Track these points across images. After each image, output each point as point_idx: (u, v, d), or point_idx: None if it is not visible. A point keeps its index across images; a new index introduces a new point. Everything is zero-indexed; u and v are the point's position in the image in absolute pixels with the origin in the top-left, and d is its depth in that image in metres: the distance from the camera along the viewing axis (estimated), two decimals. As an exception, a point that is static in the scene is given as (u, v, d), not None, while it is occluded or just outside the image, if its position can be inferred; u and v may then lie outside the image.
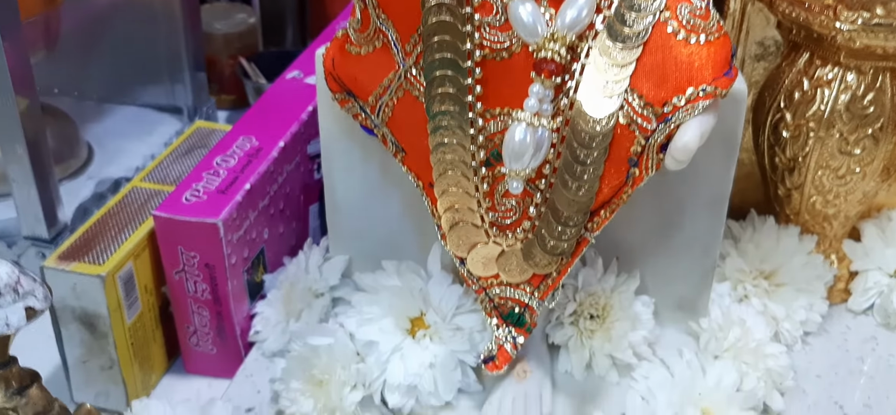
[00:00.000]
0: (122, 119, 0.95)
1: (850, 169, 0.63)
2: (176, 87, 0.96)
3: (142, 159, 0.86)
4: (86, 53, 0.96)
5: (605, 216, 0.49)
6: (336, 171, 0.61)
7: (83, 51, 0.95)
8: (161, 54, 0.95)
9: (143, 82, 0.97)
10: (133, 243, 0.61)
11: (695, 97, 0.45)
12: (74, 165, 0.85)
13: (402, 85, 0.51)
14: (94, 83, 0.97)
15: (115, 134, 0.92)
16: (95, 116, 0.95)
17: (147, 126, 0.94)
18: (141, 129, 0.93)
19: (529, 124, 0.46)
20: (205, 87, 0.97)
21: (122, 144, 0.90)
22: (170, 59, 0.95)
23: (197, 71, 0.95)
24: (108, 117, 0.96)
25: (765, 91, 0.67)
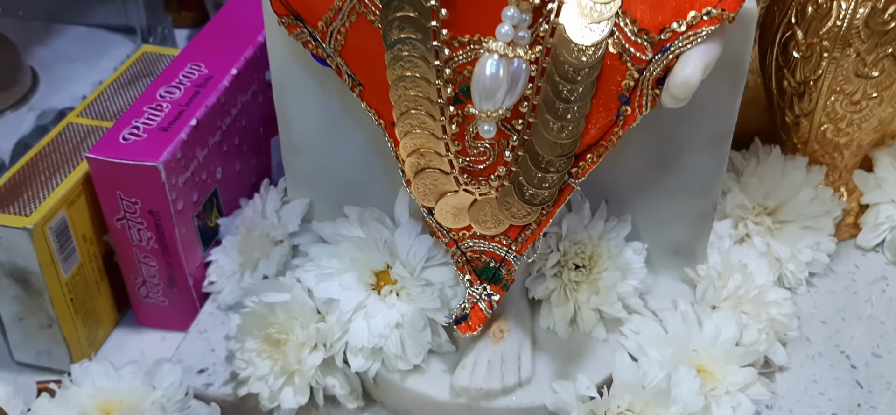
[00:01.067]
0: (71, 41, 0.87)
1: (867, 94, 0.57)
2: (128, 4, 0.88)
3: (90, 87, 0.79)
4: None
5: (592, 161, 0.43)
6: (290, 105, 0.54)
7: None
8: (108, -32, 0.86)
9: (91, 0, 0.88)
10: (66, 189, 0.54)
11: (698, 22, 0.38)
12: (17, 94, 0.78)
13: (355, 7, 0.43)
14: (39, 2, 0.89)
15: (63, 57, 0.84)
16: (42, 38, 0.87)
17: (97, 48, 0.86)
18: (90, 51, 0.85)
19: (502, 56, 0.39)
20: (159, 3, 0.89)
21: (70, 70, 0.82)
22: (118, -27, 0.86)
23: (149, -14, 0.87)
24: (55, 39, 0.88)
25: (774, 5, 0.59)
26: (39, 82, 0.80)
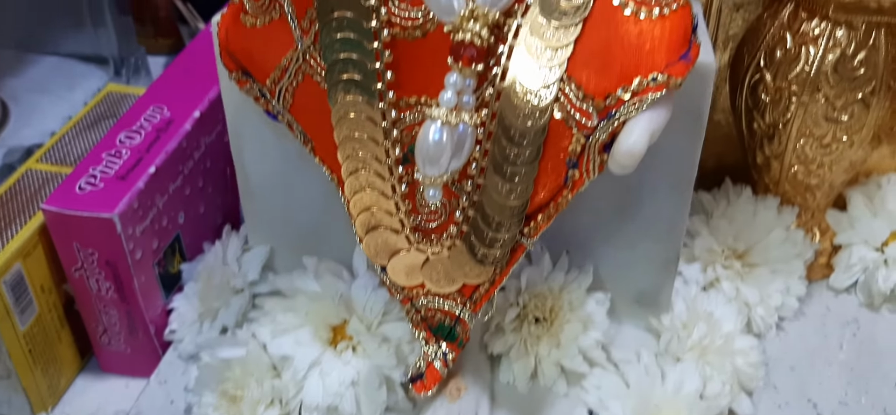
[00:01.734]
0: (43, 71, 0.86)
1: (837, 137, 0.56)
2: (100, 34, 0.87)
3: (59, 120, 0.78)
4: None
5: (544, 221, 0.42)
6: (247, 153, 0.53)
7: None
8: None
9: (65, 29, 0.87)
10: (21, 241, 0.54)
11: (643, 88, 0.37)
12: (-15, 129, 0.77)
13: (301, 67, 0.43)
14: (9, 31, 0.88)
15: (34, 88, 0.84)
16: (13, 68, 0.86)
17: (68, 80, 0.85)
18: (62, 83, 0.84)
19: (445, 122, 0.38)
20: (132, 33, 0.88)
21: (40, 102, 0.81)
22: (90, 1, 0.85)
23: (121, 15, 0.86)
24: (27, 69, 0.87)
25: (743, 47, 0.58)
26: (9, 116, 0.80)
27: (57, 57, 0.88)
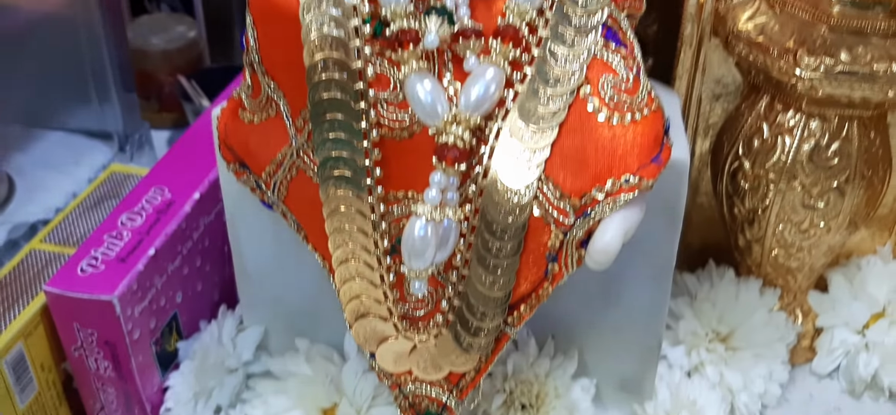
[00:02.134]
0: (49, 146, 0.89)
1: (814, 223, 0.58)
2: (105, 110, 0.90)
3: (64, 197, 0.80)
4: (7, 74, 0.89)
5: (526, 311, 0.44)
6: (244, 237, 0.55)
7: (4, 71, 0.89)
8: (86, 73, 0.88)
9: (70, 104, 0.90)
10: (24, 321, 0.55)
11: (616, 189, 0.39)
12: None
13: (295, 163, 0.45)
14: (17, 106, 0.91)
15: (40, 164, 0.86)
16: (20, 143, 0.89)
17: (74, 155, 0.87)
18: (67, 158, 0.87)
19: (430, 219, 0.40)
20: (136, 110, 0.91)
21: (45, 178, 0.84)
22: (97, 78, 0.88)
23: (126, 92, 0.89)
24: (33, 144, 0.89)
25: (723, 135, 0.61)
26: (15, 191, 0.82)
27: (63, 132, 0.91)
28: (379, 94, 0.41)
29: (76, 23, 0.85)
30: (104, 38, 0.85)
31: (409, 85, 0.40)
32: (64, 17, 0.85)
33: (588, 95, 0.39)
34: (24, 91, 0.89)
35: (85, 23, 0.85)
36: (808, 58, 0.52)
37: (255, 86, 0.45)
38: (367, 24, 0.40)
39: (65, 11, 0.85)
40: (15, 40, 0.86)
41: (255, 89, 0.46)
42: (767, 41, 0.54)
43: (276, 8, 0.41)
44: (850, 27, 0.52)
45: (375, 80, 0.41)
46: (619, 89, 0.40)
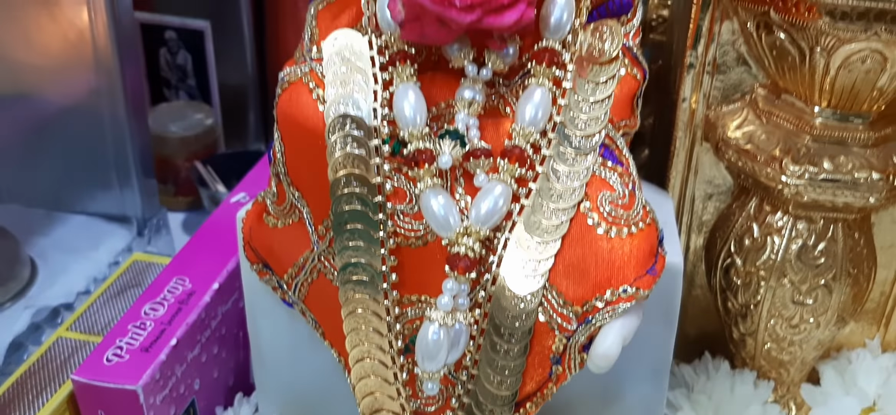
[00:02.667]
0: (70, 230, 0.92)
1: (804, 319, 0.61)
2: (125, 194, 0.94)
3: (84, 282, 0.83)
4: (31, 159, 0.93)
5: (532, 409, 0.46)
6: (262, 329, 0.58)
7: (28, 157, 0.93)
8: (109, 160, 0.92)
9: (92, 189, 0.94)
10: (51, 408, 0.58)
11: (615, 299, 0.42)
12: (14, 288, 0.82)
13: (316, 266, 0.48)
14: (40, 190, 0.95)
15: (61, 247, 0.89)
16: (43, 227, 0.92)
17: (94, 239, 0.91)
18: (87, 242, 0.90)
19: (443, 324, 0.44)
20: (155, 195, 0.94)
21: (67, 262, 0.87)
22: (118, 164, 0.92)
23: (146, 178, 0.93)
24: (55, 228, 0.93)
25: (715, 232, 0.64)
26: (37, 274, 0.85)
27: (84, 216, 0.95)
28: (396, 206, 0.45)
29: (101, 111, 0.89)
30: (127, 127, 0.89)
31: (425, 200, 0.43)
32: (90, 106, 0.89)
33: (588, 210, 0.43)
34: (50, 176, 0.93)
35: (110, 111, 0.89)
36: (793, 166, 0.56)
37: (281, 194, 0.49)
38: (387, 143, 0.44)
39: (91, 101, 0.89)
40: (43, 128, 0.91)
41: (280, 197, 0.49)
42: (755, 149, 0.58)
43: (302, 126, 0.45)
44: (832, 137, 0.56)
45: (393, 194, 0.45)
46: (616, 204, 0.43)
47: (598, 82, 0.44)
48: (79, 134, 0.90)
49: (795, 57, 0.54)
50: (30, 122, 0.91)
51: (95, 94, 0.89)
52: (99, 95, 0.88)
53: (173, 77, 1.09)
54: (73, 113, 0.90)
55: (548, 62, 0.45)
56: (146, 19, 1.05)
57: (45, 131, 0.91)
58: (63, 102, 0.91)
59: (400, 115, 0.44)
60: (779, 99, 0.59)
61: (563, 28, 0.45)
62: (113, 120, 0.89)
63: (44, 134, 0.91)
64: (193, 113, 1.05)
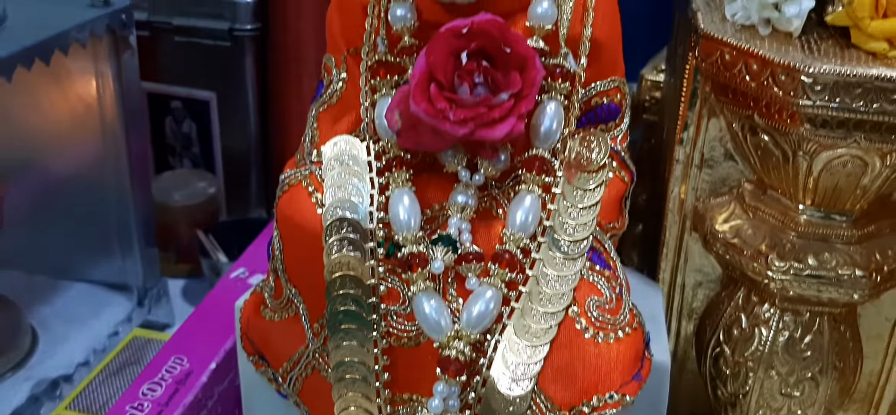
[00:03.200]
0: (72, 298, 0.93)
1: (792, 410, 0.62)
2: (127, 263, 0.95)
3: (83, 353, 0.84)
4: (35, 227, 0.95)
5: None
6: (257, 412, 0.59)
7: (32, 224, 0.94)
8: (112, 228, 0.93)
9: (95, 257, 0.95)
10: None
11: (602, 405, 0.43)
12: (14, 358, 0.83)
13: (311, 362, 0.49)
14: (43, 257, 0.96)
15: (62, 316, 0.90)
16: (43, 295, 0.93)
17: (94, 307, 0.92)
18: (88, 310, 0.91)
19: (434, 426, 0.45)
20: (156, 264, 0.96)
21: (67, 331, 0.88)
22: (121, 233, 0.94)
23: (148, 247, 0.94)
24: (56, 295, 0.94)
25: (705, 320, 0.65)
26: (38, 344, 0.86)
27: (85, 284, 0.96)
28: (390, 307, 0.46)
29: (106, 180, 0.91)
30: (131, 195, 0.91)
31: (417, 302, 0.45)
32: (95, 174, 0.91)
33: (576, 315, 0.44)
34: (53, 243, 0.95)
35: (114, 180, 0.91)
36: (779, 262, 0.57)
37: (278, 288, 0.50)
38: (382, 245, 0.46)
39: (96, 170, 0.91)
40: (48, 196, 0.93)
41: (277, 291, 0.51)
42: (742, 244, 0.59)
43: (301, 228, 0.47)
44: (817, 234, 0.58)
45: (387, 295, 0.46)
46: (603, 309, 0.45)
47: (586, 189, 0.46)
48: (83, 202, 0.92)
49: (779, 158, 0.56)
50: (35, 190, 0.93)
51: (101, 163, 0.91)
52: (104, 164, 0.90)
53: (178, 145, 1.11)
54: (79, 181, 0.92)
55: (537, 170, 0.46)
56: (153, 89, 1.07)
57: (50, 199, 0.93)
58: (69, 171, 0.93)
59: (395, 219, 0.46)
60: (765, 194, 0.60)
61: (553, 136, 0.47)
62: (117, 188, 0.91)
63: (49, 202, 0.93)
64: (197, 181, 1.07)
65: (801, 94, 0.50)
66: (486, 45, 0.44)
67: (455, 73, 0.44)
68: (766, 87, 0.51)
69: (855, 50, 0.51)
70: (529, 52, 0.44)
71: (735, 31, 0.54)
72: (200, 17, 1.01)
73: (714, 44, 0.54)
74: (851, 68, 0.49)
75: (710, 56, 0.55)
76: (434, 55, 0.44)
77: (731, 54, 0.53)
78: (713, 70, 0.55)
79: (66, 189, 0.92)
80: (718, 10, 0.58)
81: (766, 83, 0.51)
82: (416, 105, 0.43)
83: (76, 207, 0.92)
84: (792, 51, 0.51)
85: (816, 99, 0.50)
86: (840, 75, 0.49)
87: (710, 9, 0.59)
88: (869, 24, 0.50)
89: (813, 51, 0.51)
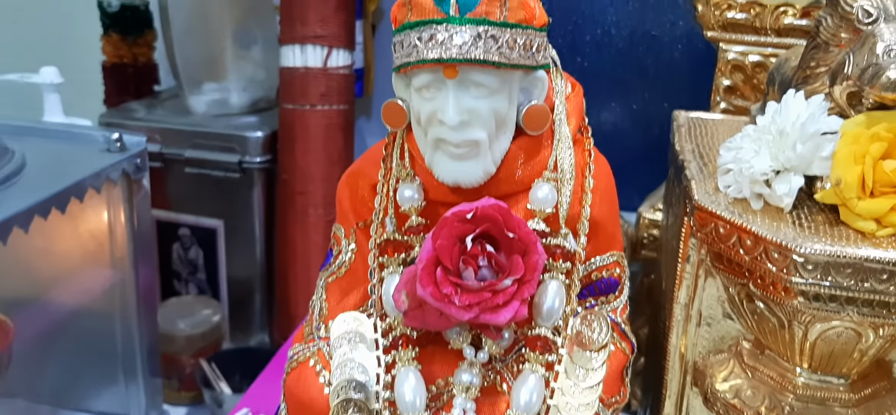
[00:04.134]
0: (74, 430, 0.94)
1: None
2: (130, 392, 0.95)
3: (83, 490, 0.84)
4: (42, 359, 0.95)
5: None
6: None
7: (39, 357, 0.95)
8: (117, 358, 0.94)
9: (98, 387, 0.96)
10: None
11: None
12: (14, 494, 0.83)
13: None
14: (47, 387, 0.96)
15: (64, 449, 0.90)
16: (47, 425, 0.94)
17: (96, 441, 0.92)
18: (90, 444, 0.91)
19: None
20: (159, 393, 0.96)
21: (68, 467, 0.88)
22: (126, 363, 0.94)
23: (152, 377, 0.95)
24: (60, 427, 0.94)
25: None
26: (38, 480, 0.86)
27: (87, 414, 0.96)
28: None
29: (113, 310, 0.92)
30: (137, 326, 0.92)
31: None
32: (103, 305, 0.92)
33: (579, 498, 0.45)
34: (58, 373, 0.95)
35: (121, 310, 0.92)
36: None
37: None
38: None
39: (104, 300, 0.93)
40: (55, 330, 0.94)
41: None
42: (741, 405, 0.60)
43: (308, 407, 0.48)
44: (815, 398, 0.59)
45: (391, 402, 0.47)
46: None
47: (588, 368, 0.47)
48: (90, 333, 0.93)
49: (776, 324, 0.57)
50: (44, 324, 0.93)
51: (109, 294, 0.92)
52: (112, 295, 0.92)
53: (184, 271, 1.13)
54: (86, 313, 0.93)
55: (541, 349, 0.48)
56: (162, 216, 1.09)
57: (57, 332, 0.94)
58: (77, 304, 0.94)
59: (400, 399, 0.47)
60: (763, 354, 0.61)
61: (555, 314, 0.48)
62: (123, 318, 0.92)
63: (56, 334, 0.94)
64: (202, 308, 1.08)
65: (793, 272, 0.51)
66: (490, 229, 0.46)
67: (460, 258, 0.46)
68: (759, 261, 0.53)
69: (845, 227, 0.53)
70: (531, 238, 0.46)
71: (728, 204, 0.56)
72: (212, 150, 1.04)
73: (709, 216, 0.56)
74: (841, 249, 0.51)
75: (705, 226, 0.57)
76: (441, 240, 0.46)
77: (725, 227, 0.55)
78: (708, 240, 0.57)
79: (73, 321, 0.93)
80: (712, 178, 0.61)
81: (760, 258, 0.53)
82: (423, 289, 0.45)
83: (82, 338, 0.93)
84: (784, 227, 0.53)
85: (809, 277, 0.51)
86: (831, 255, 0.50)
87: (703, 176, 0.61)
88: (856, 203, 0.52)
89: (804, 227, 0.53)
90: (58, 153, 0.83)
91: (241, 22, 1.08)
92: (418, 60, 0.46)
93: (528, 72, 0.48)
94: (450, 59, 0.45)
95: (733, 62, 0.85)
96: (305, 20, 0.97)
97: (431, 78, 0.46)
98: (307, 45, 0.98)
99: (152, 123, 1.06)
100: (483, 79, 0.46)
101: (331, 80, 0.99)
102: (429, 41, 0.45)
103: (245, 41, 1.10)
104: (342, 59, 1.00)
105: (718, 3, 0.83)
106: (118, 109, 1.12)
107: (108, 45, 1.17)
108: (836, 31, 0.57)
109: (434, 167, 0.49)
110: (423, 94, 0.47)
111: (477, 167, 0.48)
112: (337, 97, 1.00)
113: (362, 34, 1.11)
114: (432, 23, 0.45)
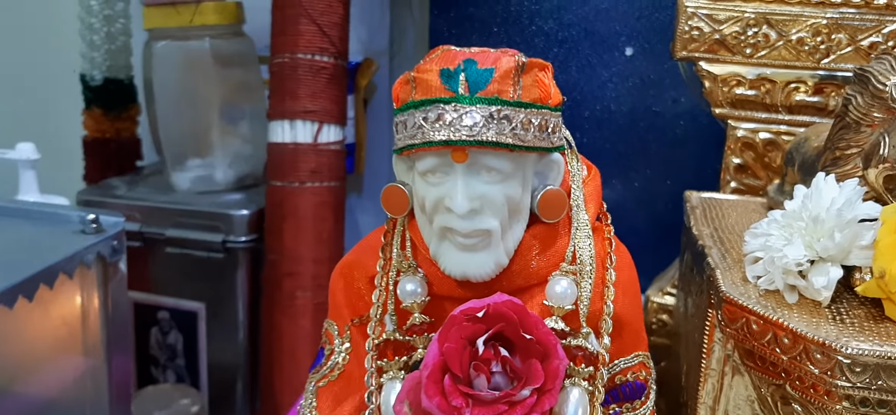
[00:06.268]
0: None
1: None
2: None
3: None
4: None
5: None
6: None
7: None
8: (90, 455, 0.87)
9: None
10: None
11: None
12: None
13: None
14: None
15: None
16: None
17: None
18: None
19: None
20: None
21: None
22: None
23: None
24: None
25: None
26: None
27: None
28: None
29: (84, 401, 0.86)
30: (110, 423, 0.86)
31: None
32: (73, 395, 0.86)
33: None
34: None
35: (92, 401, 0.86)
36: None
37: None
38: None
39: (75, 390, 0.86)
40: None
41: None
42: None
43: None
44: None
45: None
46: None
47: (615, 489, 0.41)
48: (59, 426, 0.87)
49: (815, 429, 0.52)
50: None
51: (80, 383, 0.86)
52: (83, 384, 0.85)
53: (162, 356, 1.06)
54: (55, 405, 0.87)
55: (562, 466, 0.42)
56: (140, 299, 1.03)
57: (25, 424, 0.87)
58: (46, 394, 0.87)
59: None
60: (798, 461, 0.56)
61: (577, 426, 0.43)
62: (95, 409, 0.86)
63: (24, 427, 0.87)
64: (180, 398, 1.01)
65: (838, 375, 0.46)
66: (504, 330, 0.41)
67: (471, 363, 0.40)
68: (798, 361, 0.48)
69: (890, 323, 0.48)
70: (551, 341, 0.41)
71: (759, 297, 0.52)
72: (195, 229, 0.99)
73: (739, 310, 0.51)
74: (892, 349, 0.46)
75: (735, 321, 0.52)
76: (448, 342, 0.40)
77: (758, 323, 0.50)
78: (739, 336, 0.52)
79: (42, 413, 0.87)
80: (737, 266, 0.56)
81: (799, 358, 0.48)
82: (429, 399, 0.40)
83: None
84: (824, 324, 0.48)
85: (856, 380, 0.46)
86: (881, 356, 0.46)
87: (727, 264, 0.57)
88: (903, 298, 0.47)
89: (845, 322, 0.49)
90: (29, 235, 0.78)
91: (228, 96, 1.04)
92: (424, 143, 0.41)
93: (542, 154, 0.44)
94: (459, 141, 0.41)
95: (743, 140, 0.81)
96: (295, 95, 0.93)
97: (438, 161, 0.42)
98: (297, 121, 0.94)
99: (133, 201, 1.01)
100: (495, 163, 0.42)
101: (321, 157, 0.95)
102: (436, 122, 0.41)
103: (232, 116, 1.06)
104: (333, 135, 0.95)
105: (726, 79, 0.80)
106: (98, 186, 1.07)
107: (89, 120, 1.12)
108: (867, 111, 0.53)
109: (440, 259, 0.44)
110: (428, 178, 0.43)
111: (488, 259, 0.43)
112: (328, 174, 0.95)
113: (354, 108, 1.08)
114: (439, 102, 0.41)
